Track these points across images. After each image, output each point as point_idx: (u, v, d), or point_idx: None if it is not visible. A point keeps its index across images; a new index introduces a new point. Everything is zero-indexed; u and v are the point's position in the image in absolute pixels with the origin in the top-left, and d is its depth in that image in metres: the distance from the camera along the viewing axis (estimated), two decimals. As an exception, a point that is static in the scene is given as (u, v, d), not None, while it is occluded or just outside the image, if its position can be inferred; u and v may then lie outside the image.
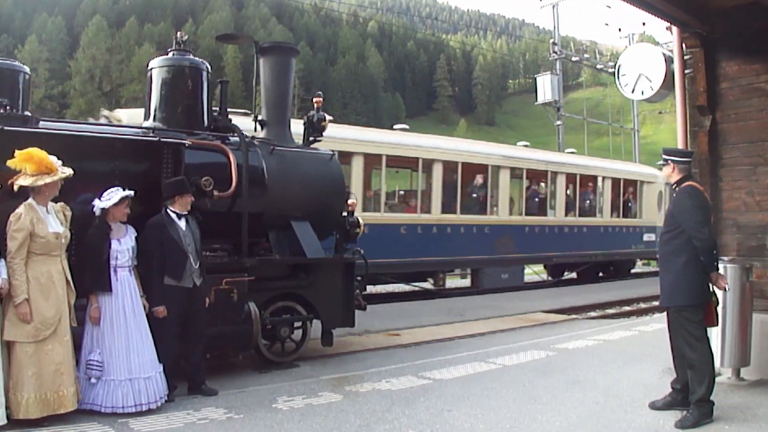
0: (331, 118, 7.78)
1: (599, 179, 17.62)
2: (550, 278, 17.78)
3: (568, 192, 16.77)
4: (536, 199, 16.05)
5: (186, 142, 5.91)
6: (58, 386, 4.41)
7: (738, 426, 4.53)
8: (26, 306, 4.33)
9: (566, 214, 16.50)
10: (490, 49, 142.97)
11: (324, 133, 7.61)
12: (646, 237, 18.79)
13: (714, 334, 5.19)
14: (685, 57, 6.41)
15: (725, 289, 5.06)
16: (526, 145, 18.42)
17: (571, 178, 16.73)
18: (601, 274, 18.68)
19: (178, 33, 6.76)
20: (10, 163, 4.49)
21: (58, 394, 4.40)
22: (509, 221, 14.95)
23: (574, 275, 17.97)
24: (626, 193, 18.61)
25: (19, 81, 5.61)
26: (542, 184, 16.40)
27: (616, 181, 18.12)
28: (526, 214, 15.52)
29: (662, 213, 18.15)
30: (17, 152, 4.48)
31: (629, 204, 18.77)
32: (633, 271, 20.20)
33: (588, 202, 17.55)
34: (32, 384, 4.32)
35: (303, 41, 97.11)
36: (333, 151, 7.69)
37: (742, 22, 6.01)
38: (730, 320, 5.41)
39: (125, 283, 4.89)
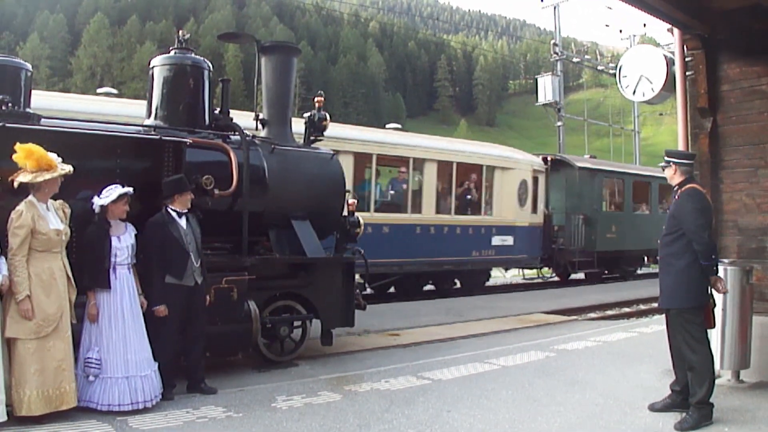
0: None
1: (413, 162, 12.91)
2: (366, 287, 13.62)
3: (365, 178, 12.72)
4: None
5: (187, 140, 5.91)
6: (60, 383, 4.41)
7: (737, 428, 4.53)
8: (28, 303, 4.33)
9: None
10: (491, 49, 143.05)
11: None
12: (497, 240, 14.24)
13: (714, 336, 5.19)
14: (687, 59, 6.41)
15: (723, 293, 5.06)
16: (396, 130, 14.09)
17: (362, 158, 12.18)
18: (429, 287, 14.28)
19: (180, 31, 6.76)
20: (13, 158, 4.49)
21: (60, 390, 4.41)
22: None
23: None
24: (466, 181, 14.06)
25: (21, 78, 5.59)
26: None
27: (445, 166, 13.42)
28: None
29: (526, 208, 15.05)
30: (17, 145, 4.49)
31: (468, 196, 14.03)
32: (489, 283, 16.18)
33: (395, 192, 12.98)
34: (35, 381, 4.32)
35: (304, 41, 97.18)
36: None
37: (744, 24, 6.01)
38: (730, 322, 5.41)
39: (124, 281, 4.89)
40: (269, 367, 6.34)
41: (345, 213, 7.38)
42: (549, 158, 16.82)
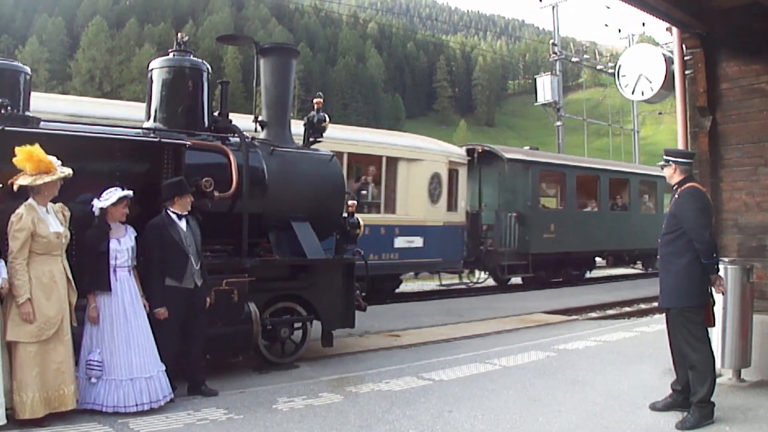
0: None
1: None
2: None
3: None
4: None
5: (186, 142, 5.91)
6: (59, 385, 4.41)
7: (739, 427, 4.53)
8: (29, 306, 4.33)
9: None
10: (489, 49, 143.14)
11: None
12: (402, 242, 12.40)
13: (714, 335, 5.19)
14: (686, 57, 6.41)
15: (723, 293, 5.06)
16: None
17: None
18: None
19: (179, 34, 6.77)
20: (14, 161, 4.49)
21: (59, 392, 4.41)
22: None
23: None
24: (362, 175, 12.58)
25: (20, 81, 5.60)
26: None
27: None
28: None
29: (440, 206, 13.16)
30: (17, 149, 4.49)
31: (364, 192, 12.40)
32: (400, 290, 14.35)
33: None
34: (36, 383, 4.32)
35: (303, 42, 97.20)
36: None
37: (743, 23, 6.01)
38: (730, 321, 5.41)
39: (124, 283, 4.89)
40: (270, 369, 6.34)
41: (344, 214, 7.38)
42: (478, 149, 15.13)
